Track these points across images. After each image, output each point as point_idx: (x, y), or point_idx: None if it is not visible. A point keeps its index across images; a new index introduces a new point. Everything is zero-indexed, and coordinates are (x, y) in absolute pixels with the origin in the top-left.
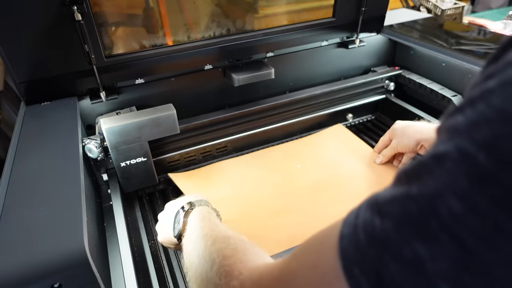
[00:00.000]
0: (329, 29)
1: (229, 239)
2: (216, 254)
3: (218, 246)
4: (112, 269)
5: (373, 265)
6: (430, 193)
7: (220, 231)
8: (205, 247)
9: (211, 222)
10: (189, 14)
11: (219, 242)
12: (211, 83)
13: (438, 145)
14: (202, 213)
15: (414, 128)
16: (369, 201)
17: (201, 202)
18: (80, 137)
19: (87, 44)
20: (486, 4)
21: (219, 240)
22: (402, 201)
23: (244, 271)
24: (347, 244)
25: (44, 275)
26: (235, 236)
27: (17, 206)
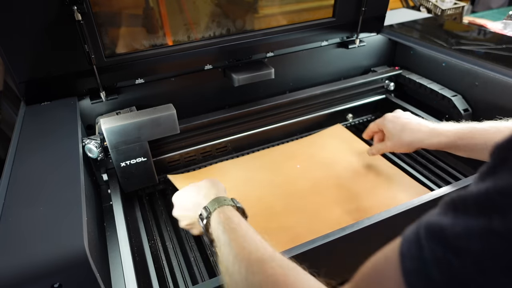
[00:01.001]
0: (329, 29)
1: (265, 264)
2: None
3: (257, 278)
4: (112, 269)
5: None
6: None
7: (251, 251)
8: (239, 271)
9: (237, 235)
10: (189, 14)
11: (256, 271)
12: (211, 83)
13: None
14: (225, 220)
15: (411, 130)
16: (430, 231)
17: (219, 201)
18: (80, 137)
19: (87, 44)
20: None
21: (255, 268)
22: (483, 236)
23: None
24: (416, 282)
25: (44, 275)
26: (271, 262)
27: (17, 206)
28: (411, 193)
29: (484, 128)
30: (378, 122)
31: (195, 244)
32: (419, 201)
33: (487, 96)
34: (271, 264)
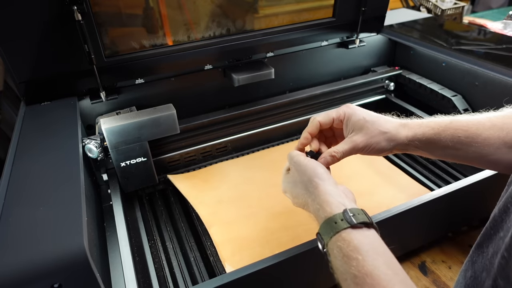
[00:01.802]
0: (329, 29)
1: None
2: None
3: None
4: (112, 269)
5: None
6: None
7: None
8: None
9: (357, 266)
10: (189, 14)
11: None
12: (211, 83)
13: None
14: (342, 252)
15: (383, 132)
16: None
17: (331, 226)
18: (80, 137)
19: (87, 44)
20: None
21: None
22: None
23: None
24: None
25: (44, 275)
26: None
27: (17, 206)
28: (411, 193)
29: (463, 119)
30: (335, 113)
31: (195, 244)
32: (419, 201)
33: (487, 96)
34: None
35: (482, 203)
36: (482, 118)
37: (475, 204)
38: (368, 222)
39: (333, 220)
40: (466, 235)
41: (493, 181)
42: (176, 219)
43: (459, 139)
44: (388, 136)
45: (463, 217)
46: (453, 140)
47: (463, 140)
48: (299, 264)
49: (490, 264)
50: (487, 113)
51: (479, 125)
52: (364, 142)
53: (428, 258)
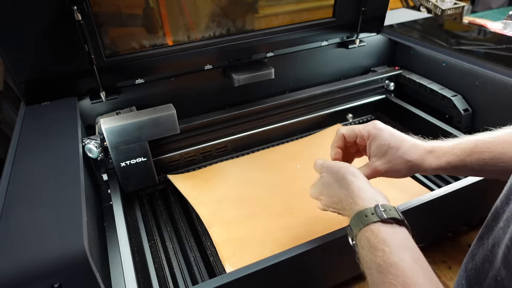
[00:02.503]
0: (329, 29)
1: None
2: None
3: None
4: (112, 269)
5: None
6: None
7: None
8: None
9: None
10: (189, 14)
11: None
12: (211, 83)
13: None
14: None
15: (412, 145)
16: None
17: (361, 219)
18: (80, 137)
19: (87, 44)
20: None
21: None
22: None
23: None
24: None
25: (44, 275)
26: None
27: (17, 206)
28: (410, 193)
29: (487, 139)
30: (365, 128)
31: (195, 244)
32: (419, 201)
33: (487, 96)
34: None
35: (482, 203)
36: (505, 134)
37: (475, 204)
38: (400, 219)
39: (364, 214)
40: (466, 235)
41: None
42: (176, 219)
43: (484, 161)
44: (412, 165)
45: (463, 217)
46: (479, 163)
47: (488, 162)
48: (299, 264)
49: (492, 254)
50: (509, 127)
51: (504, 144)
52: (386, 169)
53: (428, 258)
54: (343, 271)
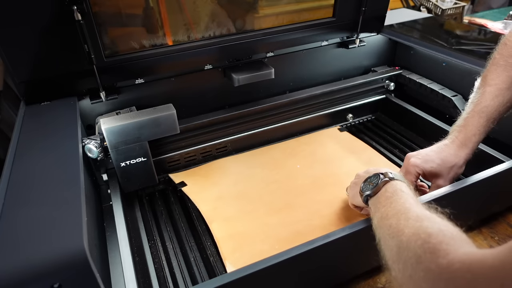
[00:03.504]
0: (329, 29)
1: (435, 219)
2: (421, 230)
3: (423, 224)
4: (112, 269)
5: None
6: None
7: (423, 209)
8: (406, 220)
9: (411, 198)
10: (189, 14)
11: (424, 219)
12: (211, 83)
13: None
14: (403, 187)
15: (448, 165)
16: None
17: (401, 177)
18: (80, 137)
19: (87, 44)
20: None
21: (423, 217)
22: None
23: (451, 253)
24: None
25: (43, 275)
26: (438, 218)
27: (17, 206)
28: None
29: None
30: (412, 173)
31: (195, 244)
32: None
33: None
34: (438, 220)
35: (482, 203)
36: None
37: (475, 204)
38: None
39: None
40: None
41: (492, 182)
42: (176, 219)
43: (500, 114)
44: (456, 166)
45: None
46: (495, 121)
47: (503, 112)
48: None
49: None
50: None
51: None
52: (445, 182)
53: None
54: (344, 270)
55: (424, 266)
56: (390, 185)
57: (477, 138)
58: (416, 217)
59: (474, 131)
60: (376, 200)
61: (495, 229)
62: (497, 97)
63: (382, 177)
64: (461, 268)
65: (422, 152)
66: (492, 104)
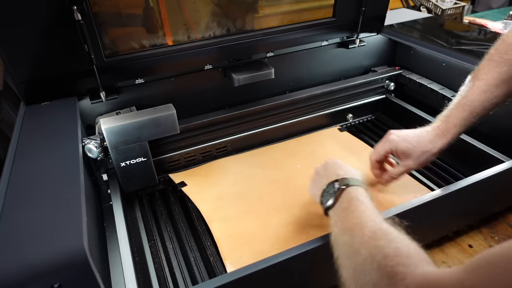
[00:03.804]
0: (329, 29)
1: (391, 235)
2: (377, 251)
3: (379, 243)
4: (112, 269)
5: None
6: None
7: (380, 222)
8: (361, 237)
9: (368, 209)
10: (189, 14)
11: (380, 237)
12: (211, 83)
13: None
14: (359, 194)
15: (422, 149)
16: None
17: (357, 182)
18: (80, 137)
19: (87, 44)
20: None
21: (379, 235)
22: None
23: (408, 276)
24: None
25: (43, 275)
26: (395, 233)
27: (17, 206)
28: (411, 193)
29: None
30: (386, 146)
31: (195, 244)
32: (419, 201)
33: None
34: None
35: (482, 203)
36: (479, 85)
37: (475, 204)
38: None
39: (357, 180)
40: (466, 235)
41: (492, 182)
42: (176, 219)
43: (485, 108)
44: (430, 153)
45: (463, 217)
46: (479, 116)
47: (489, 108)
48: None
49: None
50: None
51: (487, 93)
52: (414, 164)
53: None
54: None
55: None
56: (346, 194)
57: (457, 129)
58: (372, 234)
59: (455, 123)
60: (334, 212)
61: (495, 229)
62: (485, 93)
63: (337, 186)
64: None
65: (403, 132)
66: (478, 99)
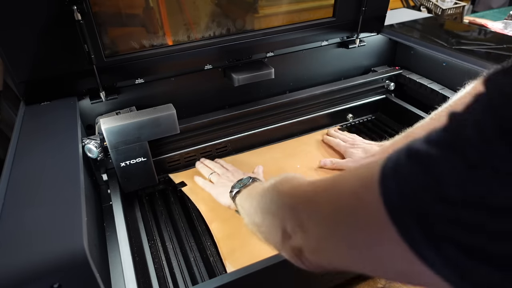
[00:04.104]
0: (329, 29)
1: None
2: (273, 181)
3: (273, 180)
4: (111, 269)
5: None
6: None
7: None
8: (261, 190)
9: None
10: (189, 14)
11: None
12: (211, 83)
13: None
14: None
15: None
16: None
17: (255, 180)
18: (80, 137)
19: (87, 44)
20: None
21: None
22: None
23: (284, 189)
24: (391, 183)
25: (43, 275)
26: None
27: (17, 206)
28: None
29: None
30: (341, 163)
31: (195, 244)
32: None
33: None
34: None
35: None
36: (428, 119)
37: None
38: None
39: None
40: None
41: None
42: (176, 219)
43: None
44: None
45: None
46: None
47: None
48: None
49: None
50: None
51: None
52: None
53: None
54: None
55: (272, 195)
56: (251, 184)
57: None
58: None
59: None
60: (240, 195)
61: None
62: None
63: (251, 180)
64: (288, 189)
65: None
66: (419, 133)
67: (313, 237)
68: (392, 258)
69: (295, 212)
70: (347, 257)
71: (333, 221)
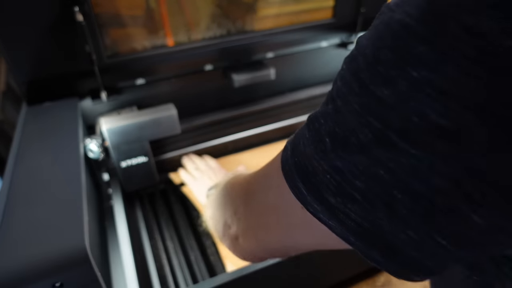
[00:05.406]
0: (328, 30)
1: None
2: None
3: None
4: (113, 268)
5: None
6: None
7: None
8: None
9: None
10: (189, 15)
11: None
12: (211, 84)
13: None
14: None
15: None
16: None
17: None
18: (81, 137)
19: (89, 44)
20: None
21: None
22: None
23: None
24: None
25: (45, 274)
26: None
27: (19, 206)
28: None
29: None
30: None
31: (195, 244)
32: None
33: None
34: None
35: None
36: None
37: None
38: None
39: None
40: None
41: None
42: (177, 219)
43: None
44: None
45: None
46: None
47: None
48: (300, 263)
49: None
50: None
51: None
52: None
53: None
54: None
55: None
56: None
57: None
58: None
59: None
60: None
61: None
62: None
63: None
64: (228, 182)
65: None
66: None
67: (244, 222)
68: (297, 225)
69: (233, 203)
70: (269, 237)
71: (255, 204)
